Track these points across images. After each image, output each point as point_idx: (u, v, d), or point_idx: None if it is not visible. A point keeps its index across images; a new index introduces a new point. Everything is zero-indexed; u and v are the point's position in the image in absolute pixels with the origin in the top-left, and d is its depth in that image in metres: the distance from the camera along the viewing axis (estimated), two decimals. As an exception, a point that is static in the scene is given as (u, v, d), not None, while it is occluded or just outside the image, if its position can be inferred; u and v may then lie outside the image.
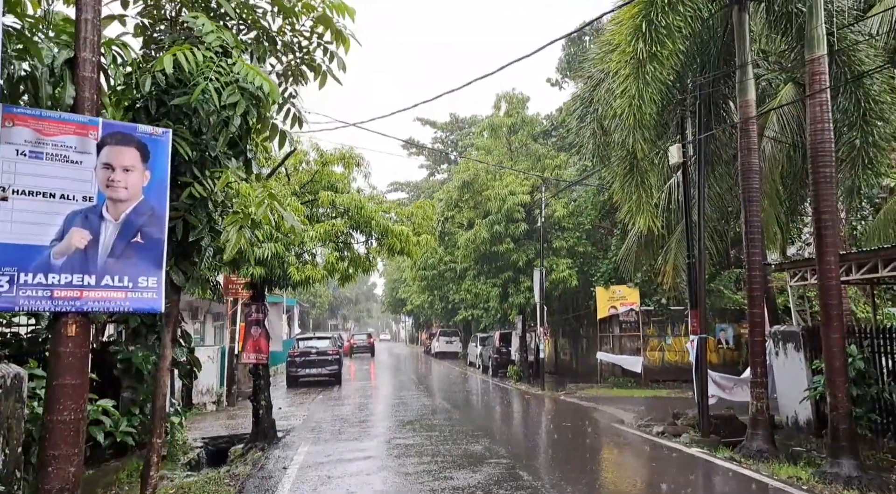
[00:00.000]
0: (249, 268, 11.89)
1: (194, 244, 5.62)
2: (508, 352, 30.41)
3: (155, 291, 4.80)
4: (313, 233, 12.25)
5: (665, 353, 25.09)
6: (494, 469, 9.85)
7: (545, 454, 11.71)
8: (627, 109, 10.25)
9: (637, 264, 19.49)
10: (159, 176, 4.90)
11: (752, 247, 11.52)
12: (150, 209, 4.81)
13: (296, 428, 15.17)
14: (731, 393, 14.18)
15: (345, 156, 13.79)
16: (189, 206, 5.55)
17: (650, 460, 10.98)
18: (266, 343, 13.60)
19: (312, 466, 10.52)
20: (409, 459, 10.74)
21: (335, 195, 13.12)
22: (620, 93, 10.37)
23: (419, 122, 51.70)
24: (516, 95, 28.16)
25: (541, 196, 25.05)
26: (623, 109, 10.35)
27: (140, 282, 4.73)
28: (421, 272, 33.40)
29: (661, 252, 17.87)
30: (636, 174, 12.30)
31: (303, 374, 26.38)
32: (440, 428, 14.25)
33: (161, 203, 4.88)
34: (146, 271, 4.75)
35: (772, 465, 10.18)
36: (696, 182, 12.73)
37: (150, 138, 4.89)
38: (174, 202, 5.51)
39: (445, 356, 46.97)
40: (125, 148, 4.75)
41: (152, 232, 4.80)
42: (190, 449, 13.08)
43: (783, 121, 14.21)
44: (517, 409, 19.60)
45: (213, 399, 19.44)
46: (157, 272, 4.81)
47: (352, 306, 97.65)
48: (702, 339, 13.08)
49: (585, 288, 27.04)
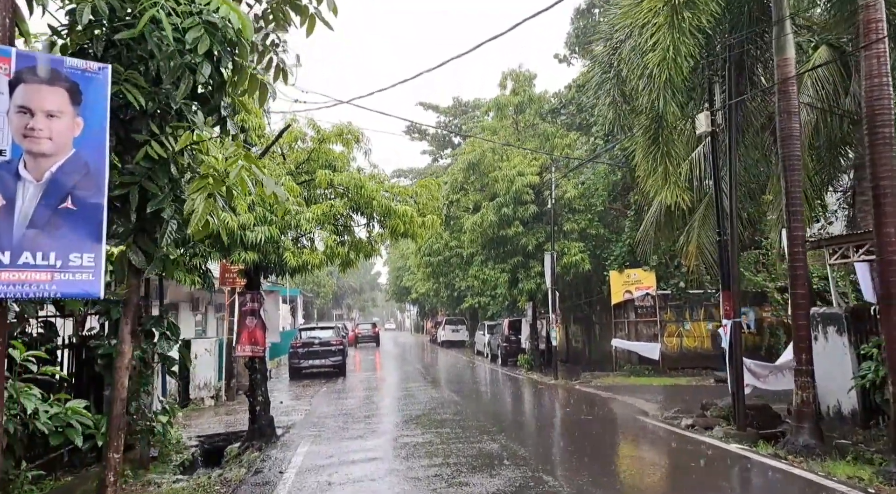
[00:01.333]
0: (241, 254, 10.87)
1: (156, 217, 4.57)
2: (518, 340, 29.45)
3: (92, 271, 3.72)
4: (310, 215, 11.17)
5: (683, 339, 23.99)
6: (514, 471, 8.80)
7: (568, 453, 10.64)
8: (659, 65, 9.12)
9: (656, 245, 18.38)
10: (96, 124, 3.80)
11: (794, 220, 10.42)
12: (84, 166, 3.73)
13: (297, 425, 14.17)
14: (765, 382, 13.11)
15: (343, 132, 12.68)
16: (147, 171, 4.49)
17: (688, 459, 9.90)
18: (262, 334, 12.57)
19: (312, 470, 9.49)
20: (419, 461, 9.69)
21: (333, 174, 12.01)
22: (651, 46, 9.24)
23: (421, 107, 50.59)
24: (523, 72, 26.91)
25: (550, 177, 23.91)
26: (654, 65, 9.22)
27: (72, 260, 3.66)
28: (426, 258, 32.31)
29: (682, 231, 16.77)
30: (661, 144, 11.18)
31: (306, 366, 25.53)
32: (451, 424, 13.22)
33: (98, 159, 3.79)
34: (79, 246, 3.68)
35: (825, 463, 9.11)
36: (727, 151, 11.60)
37: (83, 76, 3.80)
38: (128, 165, 4.45)
39: (452, 345, 46.01)
40: (49, 88, 3.67)
41: (87, 195, 3.72)
42: (184, 449, 12.18)
43: (818, 85, 13.05)
44: (532, 401, 18.58)
45: (211, 393, 18.45)
46: (95, 247, 3.73)
47: (356, 295, 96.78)
48: (736, 323, 12.00)
49: (598, 272, 25.97)
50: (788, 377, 13.49)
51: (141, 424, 10.04)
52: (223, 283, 18.98)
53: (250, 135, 12.60)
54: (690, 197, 15.26)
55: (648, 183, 11.96)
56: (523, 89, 26.67)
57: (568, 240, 24.60)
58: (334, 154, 12.74)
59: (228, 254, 11.09)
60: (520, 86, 26.77)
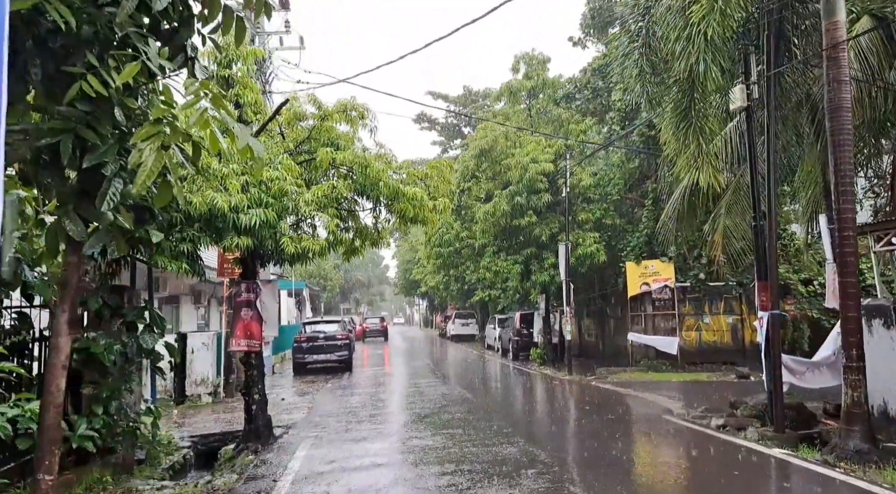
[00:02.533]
0: (234, 239, 9.93)
1: (96, 175, 3.61)
2: (530, 334, 28.52)
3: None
4: (309, 197, 10.22)
5: (702, 333, 22.95)
6: (536, 481, 7.82)
7: (595, 458, 9.60)
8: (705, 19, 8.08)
9: (676, 235, 17.35)
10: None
11: (844, 200, 9.39)
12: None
13: (297, 424, 13.26)
14: (802, 379, 12.10)
15: (347, 108, 11.69)
16: (85, 116, 3.53)
17: (730, 467, 8.84)
18: (259, 327, 11.63)
19: (310, 478, 8.54)
20: (429, 468, 8.72)
21: (336, 153, 11.04)
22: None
23: (431, 96, 49.56)
24: (536, 56, 25.81)
25: (565, 164, 22.87)
26: (698, 18, 8.18)
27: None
28: (436, 249, 31.28)
29: (705, 219, 15.75)
30: (694, 119, 10.16)
31: (310, 361, 24.64)
32: (463, 424, 12.26)
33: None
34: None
35: (884, 471, 8.10)
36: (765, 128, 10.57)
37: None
38: (58, 106, 3.48)
39: (462, 339, 45.13)
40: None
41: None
42: (175, 450, 11.32)
43: (861, 57, 11.98)
44: (548, 398, 17.62)
45: (208, 390, 17.54)
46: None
47: (364, 289, 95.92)
48: (774, 316, 10.96)
49: (613, 263, 24.96)
50: (826, 374, 12.51)
51: (122, 425, 9.20)
52: (221, 274, 18.06)
53: (246, 112, 11.66)
54: (724, 179, 14.25)
55: (679, 162, 10.95)
56: (536, 73, 25.60)
57: (582, 231, 23.58)
58: (337, 132, 11.78)
59: (220, 239, 10.16)
60: (533, 70, 25.70)
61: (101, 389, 8.81)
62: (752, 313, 22.94)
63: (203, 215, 9.62)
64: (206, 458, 11.85)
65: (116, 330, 9.20)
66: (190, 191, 9.48)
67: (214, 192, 9.40)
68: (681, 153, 10.70)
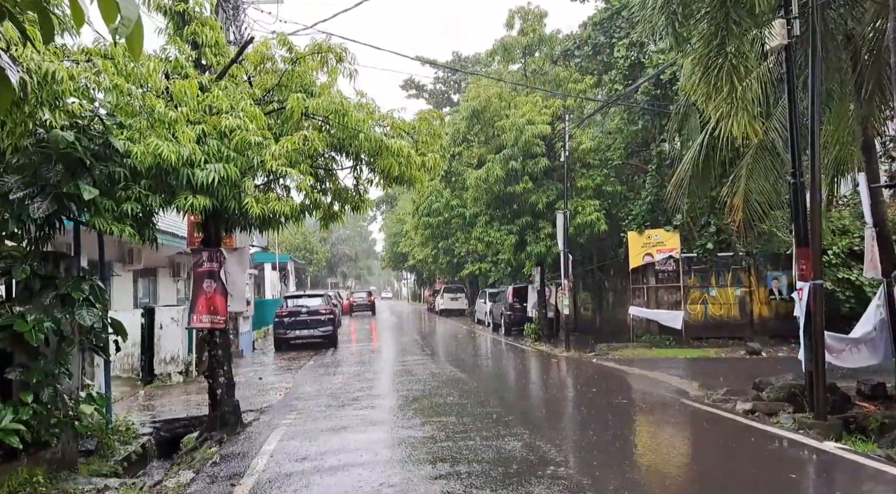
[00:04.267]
0: (189, 198, 8.41)
1: None
2: (524, 309, 27.24)
3: None
4: (276, 150, 8.67)
5: (708, 307, 21.61)
6: (549, 488, 6.40)
7: (615, 456, 8.01)
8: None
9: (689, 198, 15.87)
10: None
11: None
12: None
13: (272, 408, 11.88)
14: (839, 357, 10.72)
15: (322, 49, 10.07)
16: None
17: (779, 466, 7.34)
18: (224, 301, 10.14)
19: (275, 480, 7.09)
20: (420, 468, 7.27)
21: (309, 99, 9.44)
22: None
23: (419, 61, 47.72)
24: (532, 10, 24.07)
25: (564, 126, 21.30)
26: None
27: None
28: (425, 219, 29.73)
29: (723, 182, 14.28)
30: (729, 57, 8.65)
31: (292, 336, 23.32)
32: (457, 410, 10.84)
33: None
34: None
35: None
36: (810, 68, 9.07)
37: None
38: None
39: (451, 313, 43.89)
40: None
41: None
42: (133, 438, 9.95)
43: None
44: (547, 379, 16.27)
45: (179, 368, 16.05)
46: None
47: (351, 264, 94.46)
48: (816, 286, 9.53)
49: (613, 233, 23.52)
50: (865, 351, 11.20)
51: (59, 415, 7.82)
52: (191, 243, 16.47)
53: (204, 52, 10.04)
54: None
55: (709, 107, 9.44)
56: (533, 28, 23.88)
57: (581, 198, 22.07)
58: (311, 78, 10.18)
59: (174, 199, 8.62)
60: (529, 26, 23.98)
61: (32, 374, 7.46)
62: (762, 285, 21.72)
63: (150, 169, 8.09)
64: (169, 445, 10.58)
65: (48, 305, 7.77)
66: (130, 138, 7.95)
67: (160, 141, 7.85)
68: (710, 98, 9.19)
